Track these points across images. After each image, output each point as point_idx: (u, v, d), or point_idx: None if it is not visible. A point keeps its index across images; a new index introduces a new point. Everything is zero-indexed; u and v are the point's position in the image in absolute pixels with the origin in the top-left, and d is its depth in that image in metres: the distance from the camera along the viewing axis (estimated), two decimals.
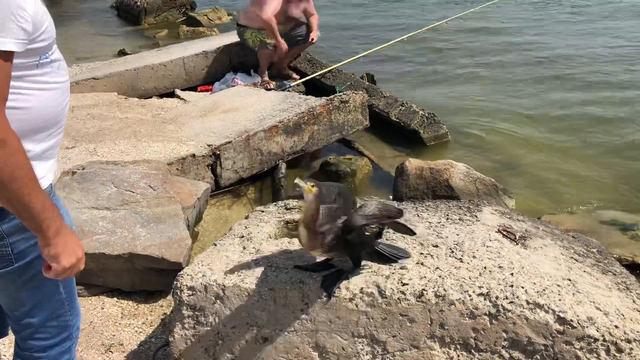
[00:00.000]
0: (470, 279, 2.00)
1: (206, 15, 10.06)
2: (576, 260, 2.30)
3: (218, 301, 2.08)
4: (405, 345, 1.97)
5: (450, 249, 2.20)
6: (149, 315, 2.88)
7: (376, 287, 1.99)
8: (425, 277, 2.01)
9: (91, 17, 11.15)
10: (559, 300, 1.91)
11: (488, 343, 1.91)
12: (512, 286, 1.95)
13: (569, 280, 2.05)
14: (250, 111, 4.71)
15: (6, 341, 2.49)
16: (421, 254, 2.17)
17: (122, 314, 2.89)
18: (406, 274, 2.03)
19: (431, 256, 2.15)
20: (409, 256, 2.13)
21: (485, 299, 1.92)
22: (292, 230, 2.55)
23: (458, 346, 1.94)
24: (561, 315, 1.86)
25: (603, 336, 1.83)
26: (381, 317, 1.97)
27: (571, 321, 1.85)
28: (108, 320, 2.83)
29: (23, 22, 1.32)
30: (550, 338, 1.86)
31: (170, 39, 8.96)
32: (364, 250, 2.05)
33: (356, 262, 2.05)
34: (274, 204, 2.83)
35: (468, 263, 2.09)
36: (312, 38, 6.06)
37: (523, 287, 1.95)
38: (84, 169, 3.50)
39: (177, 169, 3.92)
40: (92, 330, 2.74)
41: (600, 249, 2.58)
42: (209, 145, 4.13)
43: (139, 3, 10.24)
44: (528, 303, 1.89)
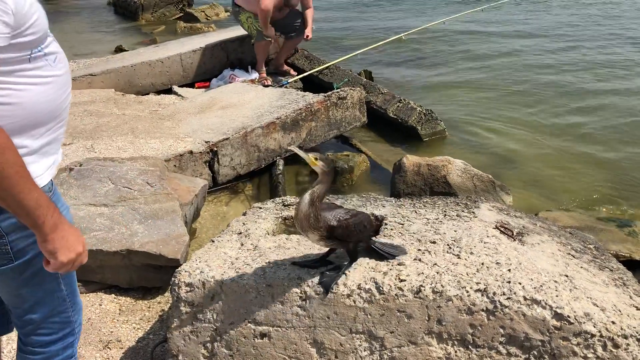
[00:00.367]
0: (467, 275, 2.00)
1: (203, 12, 10.04)
2: (573, 257, 2.31)
3: (216, 297, 2.08)
4: (402, 341, 1.97)
5: (447, 245, 2.20)
6: (147, 311, 2.88)
7: (374, 283, 1.99)
8: (422, 273, 2.02)
9: (88, 13, 11.13)
10: (556, 296, 1.91)
11: (485, 339, 1.92)
12: (509, 282, 1.96)
13: (566, 276, 2.06)
14: (247, 108, 4.70)
15: (5, 338, 2.49)
16: (419, 250, 2.17)
17: (120, 310, 2.89)
18: (404, 270, 2.04)
19: (429, 252, 2.15)
20: (405, 253, 2.13)
21: (482, 295, 1.92)
22: (290, 226, 2.55)
23: (455, 342, 1.95)
24: (558, 311, 1.86)
25: (600, 332, 1.84)
26: (379, 313, 1.98)
27: (568, 317, 1.85)
28: (106, 316, 2.83)
29: (3, 15, 1.27)
30: (548, 334, 1.87)
31: (167, 35, 8.95)
32: (361, 246, 2.05)
33: (353, 256, 2.05)
34: (271, 200, 2.83)
35: (465, 259, 2.09)
36: (307, 35, 6.04)
37: (520, 283, 1.95)
38: (81, 165, 3.50)
39: (175, 165, 3.91)
40: (89, 326, 2.74)
41: (597, 245, 2.58)
42: (206, 142, 4.12)
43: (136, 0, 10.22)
44: (525, 299, 1.90)
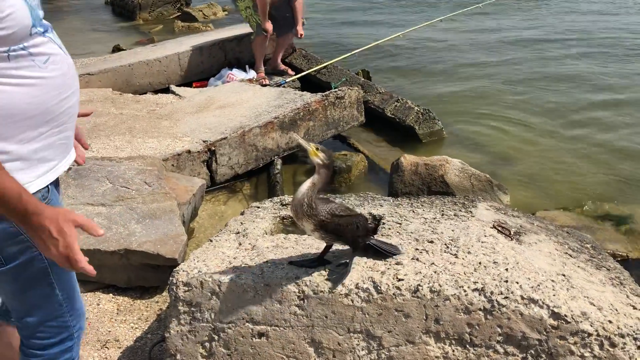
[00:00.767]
0: (465, 274, 2.00)
1: (201, 11, 10.04)
2: (570, 256, 2.31)
3: (214, 297, 2.08)
4: (400, 341, 1.98)
5: (445, 244, 2.20)
6: (145, 311, 2.88)
7: (372, 283, 1.99)
8: (420, 272, 2.02)
9: (86, 13, 11.11)
10: (554, 295, 1.92)
11: (483, 338, 1.92)
12: (506, 281, 1.96)
13: (563, 275, 2.06)
14: (245, 107, 4.70)
15: None
16: (416, 249, 2.17)
17: (117, 310, 2.89)
18: (401, 269, 2.04)
19: (426, 252, 2.15)
20: (401, 253, 2.13)
21: (480, 295, 1.93)
22: (288, 226, 2.55)
23: (453, 341, 1.95)
24: (555, 310, 1.87)
25: (597, 331, 1.84)
26: (377, 312, 1.98)
27: (565, 316, 1.86)
28: (104, 316, 2.83)
29: None
30: (545, 333, 1.87)
31: (165, 34, 8.94)
32: (359, 241, 2.05)
33: (354, 246, 2.04)
34: (269, 200, 2.83)
35: (463, 259, 2.10)
36: (299, 33, 6.03)
37: (518, 283, 1.96)
38: (78, 165, 3.49)
39: (173, 165, 3.91)
40: (87, 326, 2.74)
41: (594, 244, 2.59)
42: (204, 142, 4.12)
43: None
44: (523, 298, 1.90)
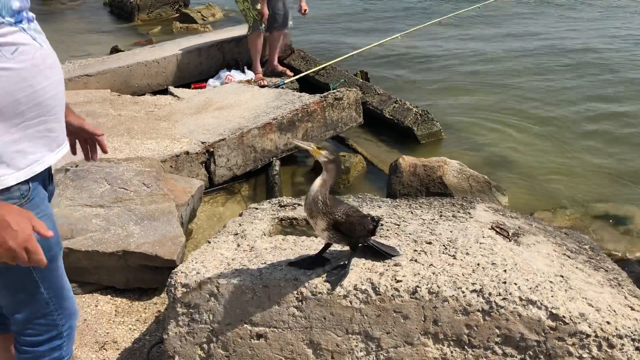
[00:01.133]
0: (463, 275, 2.00)
1: (200, 12, 10.04)
2: (569, 257, 2.31)
3: (212, 298, 2.08)
4: (399, 342, 1.98)
5: (443, 245, 2.20)
6: (143, 312, 2.88)
7: (370, 284, 1.99)
8: (419, 273, 2.02)
9: (84, 13, 11.11)
10: (552, 296, 1.92)
11: (481, 339, 1.92)
12: (505, 283, 1.96)
13: (562, 276, 2.07)
14: (244, 108, 4.70)
15: None
16: (415, 250, 2.18)
17: (116, 311, 2.88)
18: (400, 270, 2.04)
19: (425, 253, 2.15)
20: (400, 254, 2.14)
21: (478, 296, 1.93)
22: (287, 227, 2.55)
23: (451, 342, 1.95)
24: (554, 311, 1.87)
25: (595, 332, 1.85)
26: (375, 313, 1.98)
27: (563, 317, 1.86)
28: (102, 317, 2.83)
29: None
30: (543, 334, 1.87)
31: (163, 35, 8.94)
32: (360, 241, 2.06)
33: (354, 247, 2.05)
34: (268, 201, 2.83)
35: (461, 260, 2.10)
36: (304, 10, 6.01)
37: (516, 284, 1.96)
38: (77, 166, 3.49)
39: (171, 166, 3.91)
40: (85, 327, 2.73)
41: (593, 245, 2.60)
42: (202, 143, 4.12)
43: (132, 0, 10.21)
44: (521, 299, 1.90)
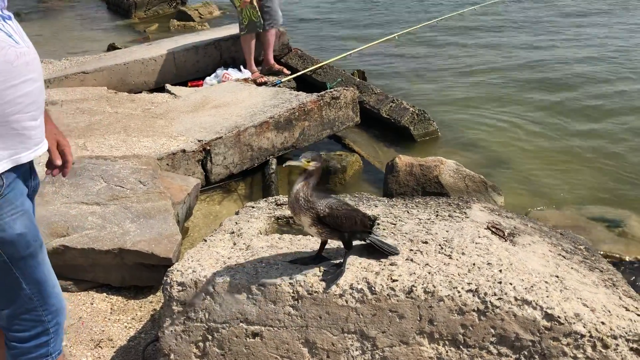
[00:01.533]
0: (459, 275, 2.01)
1: (197, 10, 10.02)
2: (564, 257, 2.32)
3: (208, 297, 2.08)
4: (394, 341, 1.98)
5: (439, 245, 2.21)
6: (139, 310, 2.88)
7: (366, 283, 1.99)
8: (414, 273, 2.02)
9: (81, 11, 11.08)
10: (547, 296, 1.92)
11: (476, 339, 1.93)
12: (500, 283, 1.97)
13: (557, 277, 2.07)
14: (241, 107, 4.70)
15: None
16: (411, 250, 2.18)
17: (111, 309, 2.88)
18: (396, 270, 2.04)
19: (421, 252, 2.16)
20: (398, 253, 2.14)
21: (474, 296, 1.93)
22: (283, 226, 2.55)
23: (447, 342, 1.95)
24: (549, 311, 1.87)
25: (590, 332, 1.85)
26: (371, 313, 1.98)
27: (558, 317, 1.86)
28: (97, 315, 2.82)
29: None
30: (538, 334, 1.88)
31: (160, 33, 8.93)
32: (357, 237, 2.07)
33: (348, 245, 2.06)
34: (264, 199, 2.83)
35: (457, 259, 2.10)
36: None
37: (511, 284, 1.96)
38: (73, 163, 3.47)
39: (167, 164, 3.90)
40: (81, 325, 2.73)
41: (588, 245, 2.60)
42: (199, 141, 4.11)
43: None
44: (516, 299, 1.91)
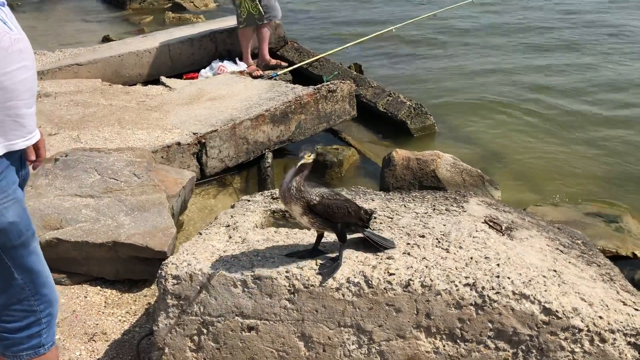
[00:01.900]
0: (456, 269, 2.00)
1: (192, 2, 9.97)
2: (561, 252, 2.31)
3: (203, 290, 2.06)
4: (391, 335, 1.97)
5: (436, 239, 2.19)
6: (133, 304, 2.86)
7: (363, 277, 1.98)
8: (411, 267, 2.01)
9: (75, 2, 11.00)
10: (545, 291, 1.91)
11: (474, 333, 1.92)
12: (498, 277, 1.96)
13: (555, 271, 2.06)
14: (236, 99, 4.67)
15: None
16: (408, 244, 2.16)
17: (105, 302, 2.86)
18: (393, 264, 2.03)
19: (418, 246, 2.14)
20: (395, 246, 2.13)
21: (471, 290, 1.92)
22: (279, 219, 2.53)
23: (444, 336, 1.94)
24: (547, 306, 1.87)
25: (587, 327, 1.85)
26: (367, 306, 1.97)
27: (556, 312, 1.86)
28: (91, 309, 2.80)
29: None
30: (536, 328, 1.87)
31: (155, 25, 8.87)
32: (351, 229, 2.06)
33: (342, 238, 2.05)
34: (260, 193, 2.81)
35: (454, 253, 2.09)
36: None
37: (509, 278, 1.95)
38: (66, 155, 3.45)
39: (162, 157, 3.87)
40: (74, 319, 2.71)
41: (585, 240, 2.60)
42: (194, 134, 4.08)
43: None
44: (514, 294, 1.90)
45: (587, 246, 2.49)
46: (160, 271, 2.12)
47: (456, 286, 1.93)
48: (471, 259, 2.06)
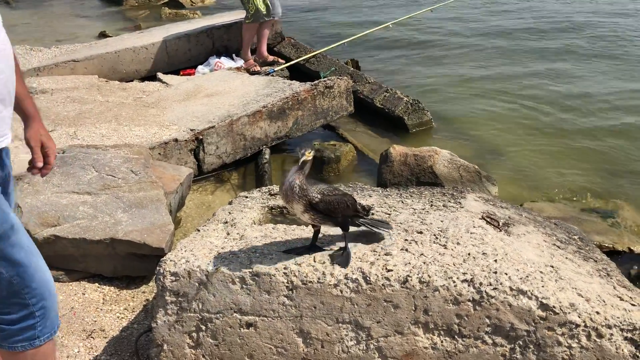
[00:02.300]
0: (454, 265, 2.00)
1: None
2: (558, 247, 2.32)
3: (202, 287, 2.06)
4: (389, 331, 1.98)
5: (434, 235, 2.20)
6: (131, 301, 2.85)
7: (361, 273, 1.98)
8: (409, 263, 2.02)
9: None
10: (542, 286, 1.92)
11: (471, 329, 1.92)
12: (495, 272, 1.96)
13: (552, 266, 2.07)
14: (233, 96, 4.66)
15: None
16: (405, 240, 2.17)
17: (103, 299, 2.86)
18: (391, 260, 2.04)
19: (415, 242, 2.15)
20: (391, 229, 2.17)
21: (469, 285, 1.93)
22: (277, 216, 2.53)
23: (442, 332, 1.95)
24: (544, 301, 1.87)
25: (584, 322, 1.85)
26: (365, 303, 1.97)
27: (554, 307, 1.86)
28: (89, 306, 2.80)
29: None
30: (533, 324, 1.88)
31: (152, 21, 8.84)
32: (350, 221, 2.07)
33: (344, 228, 2.05)
34: (257, 189, 2.81)
35: (452, 249, 2.10)
36: None
37: (506, 274, 1.96)
38: (64, 152, 3.44)
39: (160, 153, 3.87)
40: (72, 316, 2.71)
41: (582, 236, 2.61)
42: (191, 130, 4.08)
43: None
44: (511, 289, 1.91)
45: (583, 242, 2.50)
46: (158, 268, 2.12)
47: (454, 282, 1.94)
48: (469, 255, 2.06)
